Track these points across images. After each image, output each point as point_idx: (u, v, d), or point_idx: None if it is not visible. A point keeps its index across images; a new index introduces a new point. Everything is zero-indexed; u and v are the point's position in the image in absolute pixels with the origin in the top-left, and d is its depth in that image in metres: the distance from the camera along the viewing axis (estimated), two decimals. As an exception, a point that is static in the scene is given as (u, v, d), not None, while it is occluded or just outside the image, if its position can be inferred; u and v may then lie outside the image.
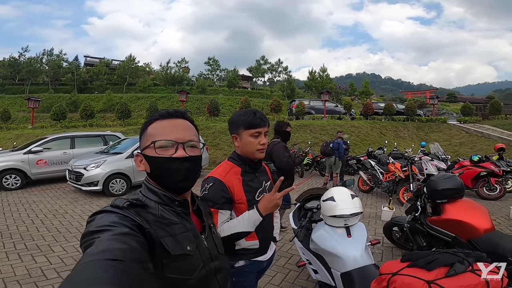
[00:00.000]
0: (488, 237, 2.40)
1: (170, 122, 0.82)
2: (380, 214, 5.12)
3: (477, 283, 1.27)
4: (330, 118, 15.57)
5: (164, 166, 0.78)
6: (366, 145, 11.15)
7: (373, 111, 16.46)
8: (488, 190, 6.55)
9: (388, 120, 16.15)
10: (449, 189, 2.87)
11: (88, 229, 0.63)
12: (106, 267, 0.49)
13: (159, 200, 0.79)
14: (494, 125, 14.27)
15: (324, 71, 31.72)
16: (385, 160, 7.40)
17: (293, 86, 32.55)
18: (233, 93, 28.52)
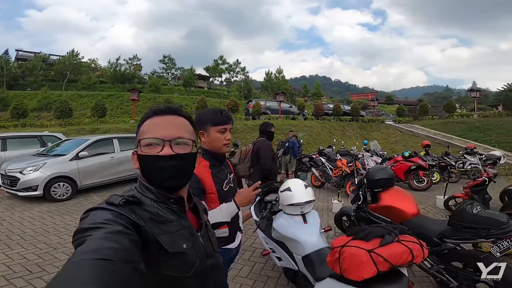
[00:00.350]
0: (415, 220, 2.82)
1: (161, 119, 0.81)
2: (331, 207, 5.58)
3: (404, 251, 1.57)
4: (285, 118, 16.25)
5: (150, 164, 0.77)
6: (317, 144, 11.92)
7: (323, 111, 17.64)
8: (418, 182, 7.47)
9: (336, 120, 17.47)
10: (382, 179, 3.32)
11: (81, 226, 0.62)
12: (95, 266, 0.48)
13: (154, 198, 0.78)
14: (422, 125, 16.44)
15: (280, 72, 32.67)
16: (333, 157, 8.05)
17: (250, 86, 32.93)
18: (189, 93, 27.84)
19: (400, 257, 1.54)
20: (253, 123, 14.59)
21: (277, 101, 17.49)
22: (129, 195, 0.74)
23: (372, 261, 1.51)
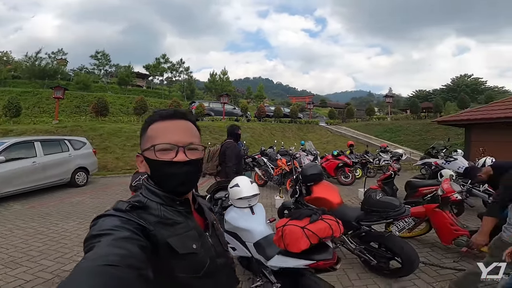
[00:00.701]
0: (339, 209, 3.37)
1: (171, 123, 0.80)
2: (274, 203, 6.04)
3: (326, 226, 2.02)
4: (228, 120, 16.55)
5: (163, 170, 0.77)
6: (260, 145, 12.55)
7: (265, 113, 18.54)
8: (344, 178, 8.46)
9: (277, 122, 18.55)
10: (313, 174, 3.89)
11: (90, 233, 0.63)
12: (99, 272, 0.49)
13: (160, 201, 0.78)
14: (349, 126, 18.71)
15: (224, 74, 32.34)
16: (274, 157, 8.67)
17: (193, 87, 31.92)
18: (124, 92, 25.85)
19: (324, 231, 1.99)
20: (196, 124, 14.51)
21: (221, 102, 17.66)
22: (135, 201, 0.75)
23: (305, 236, 1.90)
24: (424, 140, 13.73)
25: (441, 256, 3.49)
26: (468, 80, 35.79)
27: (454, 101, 20.75)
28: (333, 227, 2.03)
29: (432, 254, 3.55)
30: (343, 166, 8.45)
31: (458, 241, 3.34)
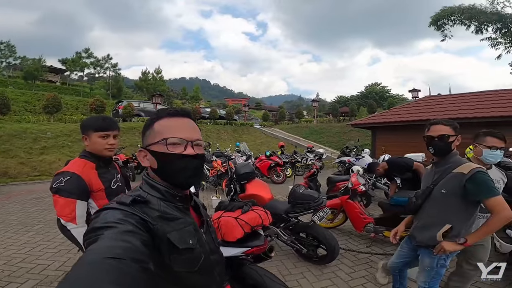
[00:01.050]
0: (270, 203, 3.64)
1: (179, 120, 0.83)
2: (211, 203, 6.09)
3: (256, 216, 2.25)
4: (161, 121, 15.72)
5: (175, 162, 0.79)
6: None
7: (200, 115, 18.30)
8: (277, 177, 8.92)
9: (213, 124, 18.51)
10: (246, 173, 4.15)
11: (92, 225, 0.64)
12: (106, 266, 0.50)
13: (161, 196, 0.80)
14: (281, 128, 19.96)
15: (158, 72, 30.76)
16: (209, 159, 8.73)
17: (120, 85, 29.22)
18: (31, 87, 22.05)
19: (255, 220, 2.22)
20: (123, 125, 13.41)
21: (153, 102, 16.73)
22: (136, 195, 0.76)
23: (239, 225, 2.09)
24: (342, 141, 15.66)
25: (357, 243, 3.90)
26: (377, 88, 42.17)
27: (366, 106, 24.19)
28: (262, 216, 2.28)
29: (350, 242, 3.96)
30: (275, 166, 8.89)
31: (367, 228, 3.84)
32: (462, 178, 1.59)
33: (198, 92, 34.00)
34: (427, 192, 1.74)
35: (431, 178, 1.79)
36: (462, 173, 1.60)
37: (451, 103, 10.47)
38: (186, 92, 35.09)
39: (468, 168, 1.60)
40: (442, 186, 1.67)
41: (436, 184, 1.70)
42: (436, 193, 1.70)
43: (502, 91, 10.67)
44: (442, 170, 1.72)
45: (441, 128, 1.71)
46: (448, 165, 1.70)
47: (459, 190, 1.59)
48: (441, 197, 1.67)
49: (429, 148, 1.75)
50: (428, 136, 1.74)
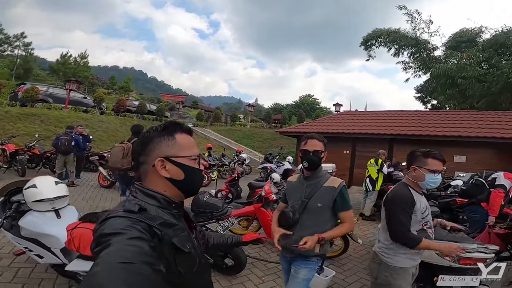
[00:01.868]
0: None
1: (189, 138, 0.92)
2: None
3: None
4: (73, 110, 13.73)
5: (198, 176, 0.92)
6: (114, 141, 11.10)
7: (125, 108, 16.63)
8: None
9: (140, 119, 17.05)
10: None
11: (101, 231, 0.67)
12: (119, 270, 0.53)
13: (158, 204, 0.83)
14: (214, 130, 19.61)
15: (83, 57, 28.43)
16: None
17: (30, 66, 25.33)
18: None
19: None
20: (20, 111, 11.20)
21: (66, 89, 14.49)
22: (136, 203, 0.78)
23: None
24: (272, 146, 16.20)
25: (269, 251, 3.90)
26: (310, 99, 45.50)
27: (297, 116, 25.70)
28: None
29: (263, 250, 3.93)
30: None
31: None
32: (333, 192, 1.71)
33: (129, 83, 31.32)
34: (304, 206, 1.75)
35: (302, 191, 1.80)
36: (333, 187, 1.72)
37: (364, 119, 11.78)
38: (115, 81, 31.94)
39: (337, 182, 1.74)
40: (318, 200, 1.72)
41: (311, 198, 1.74)
42: (311, 206, 1.73)
43: (404, 111, 12.55)
44: (314, 184, 1.77)
45: (316, 143, 1.77)
46: (319, 178, 1.78)
47: (331, 202, 1.72)
48: (316, 210, 1.72)
49: (304, 162, 1.77)
50: (304, 150, 1.77)
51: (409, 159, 1.85)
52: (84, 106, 14.93)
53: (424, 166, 1.73)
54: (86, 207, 5.57)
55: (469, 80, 13.08)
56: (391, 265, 1.75)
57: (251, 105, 24.88)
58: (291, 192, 1.90)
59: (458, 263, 2.07)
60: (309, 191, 1.76)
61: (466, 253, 2.04)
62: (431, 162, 1.72)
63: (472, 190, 3.75)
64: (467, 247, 2.04)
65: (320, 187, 1.74)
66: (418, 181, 1.77)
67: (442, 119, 10.21)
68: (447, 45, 15.88)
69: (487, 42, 14.20)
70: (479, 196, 3.65)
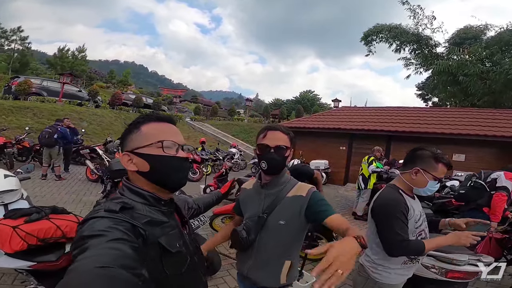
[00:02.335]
0: None
1: (167, 125, 0.85)
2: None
3: (50, 227, 1.82)
4: (68, 103, 13.54)
5: (170, 163, 0.81)
6: (107, 135, 10.92)
7: (121, 101, 16.42)
8: (192, 174, 8.40)
9: (135, 112, 16.85)
10: (121, 170, 3.53)
11: (80, 234, 0.63)
12: (95, 275, 0.51)
13: (144, 201, 0.80)
14: (211, 124, 19.41)
15: (81, 51, 28.42)
16: (112, 149, 7.73)
17: (27, 60, 25.44)
18: None
19: (46, 232, 1.79)
20: (12, 104, 11.02)
21: (60, 82, 14.32)
22: (121, 201, 0.74)
23: (18, 236, 1.70)
24: (269, 141, 15.98)
25: None
26: (310, 95, 45.11)
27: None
28: (63, 228, 1.86)
29: None
30: (191, 163, 8.51)
31: None
32: (302, 202, 1.24)
33: (128, 77, 31.15)
34: (261, 223, 1.28)
35: (259, 203, 1.33)
36: (300, 196, 1.25)
37: (362, 115, 11.53)
38: (114, 75, 31.82)
39: (305, 189, 1.27)
40: (279, 216, 1.26)
41: (270, 212, 1.27)
42: (271, 223, 1.27)
43: (403, 108, 12.28)
44: (274, 194, 1.30)
45: (280, 136, 1.27)
46: (281, 186, 1.31)
47: (298, 217, 1.24)
48: (278, 228, 1.26)
49: (261, 162, 1.27)
50: (262, 145, 1.27)
51: (412, 158, 1.52)
52: (79, 100, 14.74)
53: (431, 171, 1.44)
54: (69, 201, 5.43)
55: (471, 77, 12.78)
56: (379, 281, 1.53)
57: (249, 100, 24.65)
58: (246, 204, 1.41)
59: (445, 277, 1.86)
60: (268, 204, 1.30)
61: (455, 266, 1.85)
62: (441, 168, 1.44)
63: (471, 194, 3.32)
64: (456, 258, 1.85)
65: (282, 198, 1.28)
66: (417, 186, 1.49)
67: (441, 117, 9.97)
68: (450, 41, 15.53)
69: (491, 40, 13.86)
70: (479, 200, 3.24)
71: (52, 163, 7.02)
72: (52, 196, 5.63)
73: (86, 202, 5.43)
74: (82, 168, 8.48)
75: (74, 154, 9.20)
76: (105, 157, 7.40)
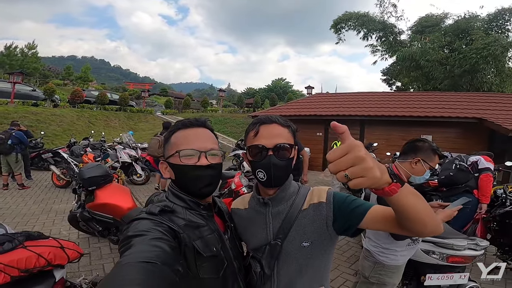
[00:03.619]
0: (130, 213, 2.96)
1: (192, 131, 0.86)
2: None
3: (29, 256, 1.61)
4: (21, 104, 12.25)
5: (188, 173, 0.83)
6: (70, 136, 10.08)
7: (83, 99, 15.22)
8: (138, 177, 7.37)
9: (100, 109, 15.74)
10: (95, 177, 3.24)
11: (125, 234, 0.68)
12: (139, 269, 0.54)
13: (185, 205, 0.83)
14: (184, 117, 18.60)
15: (31, 48, 26.27)
16: (79, 152, 7.13)
17: None
18: None
19: (27, 262, 1.59)
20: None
21: (10, 82, 12.86)
22: (163, 205, 0.80)
23: None
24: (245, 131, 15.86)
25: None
26: (282, 83, 45.27)
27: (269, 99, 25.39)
28: (45, 255, 1.65)
29: None
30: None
31: None
32: (325, 211, 0.91)
33: (88, 73, 28.97)
34: (276, 253, 0.92)
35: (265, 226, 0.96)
36: (320, 202, 0.93)
37: (335, 101, 11.77)
38: (71, 71, 29.44)
39: (322, 194, 0.95)
40: (300, 237, 0.92)
41: (286, 236, 0.92)
42: (291, 249, 0.92)
43: (374, 93, 12.72)
44: (283, 211, 0.95)
45: (278, 131, 0.91)
46: (290, 200, 0.96)
47: (327, 231, 0.92)
48: (302, 253, 0.92)
49: (258, 172, 0.91)
50: (256, 147, 0.90)
51: (413, 149, 1.63)
52: (34, 100, 13.39)
53: (429, 161, 1.59)
54: (38, 211, 4.98)
55: (432, 63, 13.56)
56: (387, 264, 1.63)
57: (222, 90, 24.09)
58: (246, 231, 1.02)
59: (447, 261, 1.93)
60: (278, 226, 0.94)
61: (456, 251, 1.90)
62: (436, 159, 1.61)
63: (460, 176, 3.29)
64: (456, 243, 1.92)
65: (297, 214, 0.93)
66: (415, 174, 1.60)
67: (408, 100, 10.47)
68: (412, 29, 16.24)
69: (449, 27, 14.73)
70: (468, 182, 3.25)
71: (12, 172, 6.37)
72: (18, 208, 5.13)
73: (58, 211, 5.00)
74: (46, 174, 7.81)
75: (36, 159, 8.43)
76: (71, 160, 6.80)
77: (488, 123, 7.76)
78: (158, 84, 77.11)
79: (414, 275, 2.07)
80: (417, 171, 1.59)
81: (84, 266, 3.11)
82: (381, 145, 8.09)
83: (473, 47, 12.51)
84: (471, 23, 13.93)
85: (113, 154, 7.35)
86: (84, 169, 3.29)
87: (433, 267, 1.96)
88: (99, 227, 3.40)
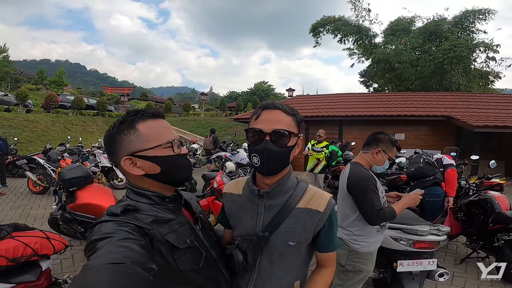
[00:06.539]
0: None
1: (162, 122, 0.82)
2: None
3: (17, 245, 1.69)
4: (-9, 109, 11.69)
5: (180, 163, 0.82)
6: (44, 142, 9.73)
7: (57, 103, 14.68)
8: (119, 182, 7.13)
9: (76, 115, 15.24)
10: (76, 178, 3.24)
11: (90, 238, 0.65)
12: (106, 270, 0.53)
13: (149, 201, 0.79)
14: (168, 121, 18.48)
15: (3, 51, 25.23)
16: (56, 157, 6.93)
17: None
18: None
19: (15, 251, 1.66)
20: None
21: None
22: (125, 204, 0.75)
23: None
24: (228, 134, 15.90)
25: None
26: (265, 86, 45.73)
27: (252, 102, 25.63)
28: (32, 244, 1.73)
29: None
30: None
31: None
32: (318, 220, 0.92)
33: (62, 77, 27.91)
34: (262, 245, 0.93)
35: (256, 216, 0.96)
36: (316, 211, 0.93)
37: (315, 103, 12.13)
38: (44, 75, 28.26)
39: (322, 202, 0.94)
40: (287, 235, 0.92)
41: (274, 231, 0.92)
42: (277, 244, 0.93)
43: (352, 94, 13.22)
44: (277, 205, 0.94)
45: (280, 117, 0.88)
46: (286, 194, 0.94)
47: (312, 236, 0.95)
48: (286, 251, 0.94)
49: (253, 156, 0.89)
50: (254, 131, 0.88)
51: (375, 140, 1.80)
52: (6, 105, 12.79)
53: (388, 152, 1.77)
54: (15, 216, 4.86)
55: (404, 64, 14.31)
56: (360, 251, 1.71)
57: (204, 94, 24.02)
58: (236, 216, 1.02)
59: (413, 247, 2.09)
60: (269, 219, 0.94)
61: (420, 237, 2.08)
62: (394, 151, 1.80)
63: (428, 169, 3.54)
64: (419, 229, 2.09)
65: (290, 211, 0.93)
66: (376, 164, 1.78)
67: (383, 101, 11.01)
68: (386, 32, 17.05)
69: (419, 30, 15.62)
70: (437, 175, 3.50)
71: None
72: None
73: (36, 216, 4.90)
74: (21, 181, 7.56)
75: (9, 166, 8.07)
76: (48, 166, 6.62)
77: (455, 120, 8.35)
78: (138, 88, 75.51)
79: (388, 263, 2.23)
80: (378, 160, 1.76)
81: (68, 267, 3.10)
82: (358, 144, 8.45)
83: (441, 48, 13.34)
84: (439, 26, 14.83)
85: (92, 159, 7.24)
86: (64, 170, 3.29)
87: (403, 253, 2.11)
88: (81, 228, 3.37)
